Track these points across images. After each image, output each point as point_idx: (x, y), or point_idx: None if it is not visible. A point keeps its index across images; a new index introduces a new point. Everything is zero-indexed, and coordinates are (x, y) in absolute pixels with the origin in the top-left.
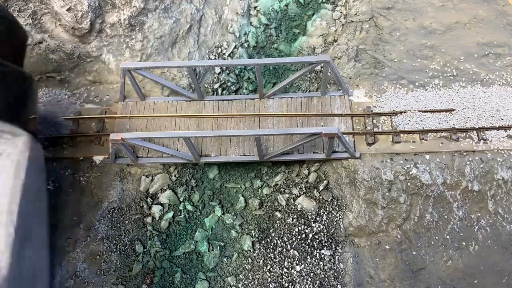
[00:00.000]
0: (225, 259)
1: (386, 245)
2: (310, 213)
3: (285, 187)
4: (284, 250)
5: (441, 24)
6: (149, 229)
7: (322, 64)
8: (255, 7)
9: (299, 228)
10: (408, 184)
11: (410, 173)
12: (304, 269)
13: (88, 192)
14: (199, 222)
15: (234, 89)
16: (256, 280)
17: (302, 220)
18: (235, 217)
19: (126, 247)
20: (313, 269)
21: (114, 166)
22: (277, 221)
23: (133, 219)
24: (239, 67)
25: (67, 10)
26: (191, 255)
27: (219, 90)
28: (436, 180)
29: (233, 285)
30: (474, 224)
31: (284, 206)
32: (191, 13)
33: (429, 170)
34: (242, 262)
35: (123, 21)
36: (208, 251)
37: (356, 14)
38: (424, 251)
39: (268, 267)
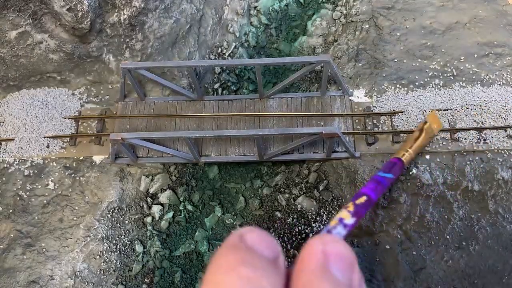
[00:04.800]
0: None
1: (386, 245)
2: (310, 213)
3: (285, 187)
4: (284, 250)
5: (441, 24)
6: (149, 229)
7: (322, 64)
8: (255, 7)
9: (299, 228)
10: (409, 184)
11: (410, 173)
12: None
13: (88, 192)
14: (199, 222)
15: (234, 89)
16: None
17: (302, 220)
18: (235, 217)
19: (126, 247)
20: None
21: (114, 166)
22: (277, 221)
23: (133, 219)
24: (240, 67)
25: (67, 10)
26: (191, 255)
27: (219, 90)
28: (436, 180)
29: None
30: (474, 224)
31: (284, 206)
32: (191, 13)
33: (429, 170)
34: None
35: (123, 21)
36: (208, 251)
37: (356, 14)
38: (424, 251)
39: None
